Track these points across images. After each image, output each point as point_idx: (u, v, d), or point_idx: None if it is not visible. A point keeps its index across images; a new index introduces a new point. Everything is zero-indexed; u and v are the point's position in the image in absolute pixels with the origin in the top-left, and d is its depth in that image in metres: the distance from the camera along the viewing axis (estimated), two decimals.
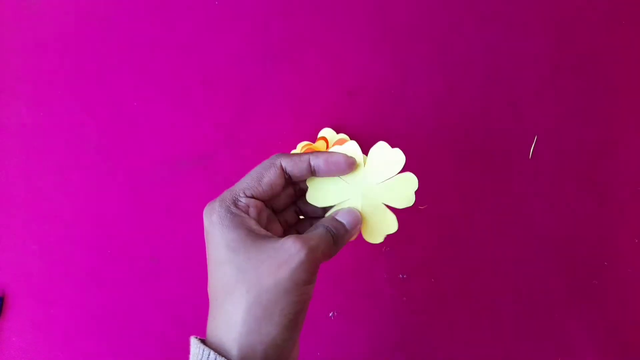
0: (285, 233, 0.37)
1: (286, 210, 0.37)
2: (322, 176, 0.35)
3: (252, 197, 0.33)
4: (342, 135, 0.54)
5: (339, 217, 0.34)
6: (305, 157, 0.34)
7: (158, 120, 0.56)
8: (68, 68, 0.56)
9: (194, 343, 0.31)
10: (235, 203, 0.32)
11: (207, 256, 0.32)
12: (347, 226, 0.34)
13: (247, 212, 0.32)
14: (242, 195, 0.33)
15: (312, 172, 0.35)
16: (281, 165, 0.34)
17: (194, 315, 0.54)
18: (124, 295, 0.54)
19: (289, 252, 0.30)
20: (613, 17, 0.56)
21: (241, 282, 0.30)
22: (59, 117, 0.56)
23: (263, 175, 0.33)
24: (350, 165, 0.35)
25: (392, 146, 0.37)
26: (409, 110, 0.55)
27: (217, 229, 0.31)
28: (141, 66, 0.56)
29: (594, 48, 0.56)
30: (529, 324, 0.53)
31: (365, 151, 0.37)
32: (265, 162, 0.34)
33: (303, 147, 0.53)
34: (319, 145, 0.53)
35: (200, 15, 0.56)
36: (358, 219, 0.35)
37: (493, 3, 0.56)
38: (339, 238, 0.34)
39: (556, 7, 0.56)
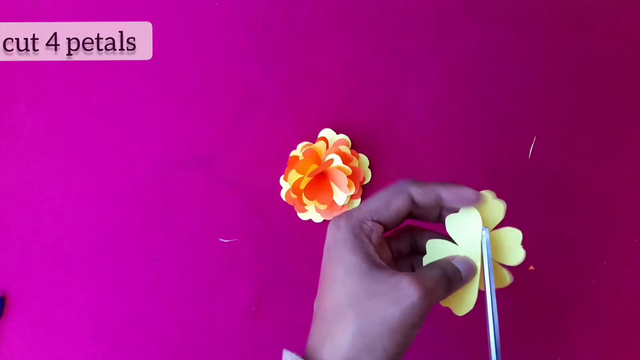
0: (394, 262, 0.36)
1: (400, 239, 0.37)
2: (450, 205, 0.34)
3: (377, 221, 0.33)
4: (342, 136, 0.54)
5: (455, 263, 0.33)
6: (435, 188, 0.33)
7: (158, 120, 0.56)
8: (68, 68, 0.56)
9: (291, 357, 0.31)
10: (361, 225, 0.32)
11: (322, 269, 0.33)
12: (463, 274, 0.33)
13: (369, 237, 0.32)
14: (369, 218, 0.32)
15: (440, 202, 0.33)
16: (410, 194, 0.33)
17: (195, 315, 0.54)
18: (124, 295, 0.54)
19: (404, 292, 0.29)
20: (613, 17, 0.56)
21: (352, 307, 0.30)
22: (59, 117, 0.56)
23: (391, 201, 0.33)
24: (479, 198, 0.34)
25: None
26: (409, 110, 0.55)
27: (338, 248, 0.31)
28: (141, 66, 0.56)
29: (594, 48, 0.56)
30: (528, 323, 0.53)
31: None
32: (394, 188, 0.33)
33: (303, 147, 0.53)
34: (319, 145, 0.53)
35: (200, 15, 0.56)
36: (473, 270, 0.34)
37: (493, 3, 0.56)
38: (453, 284, 0.33)
39: (556, 7, 0.56)
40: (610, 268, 0.54)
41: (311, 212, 0.53)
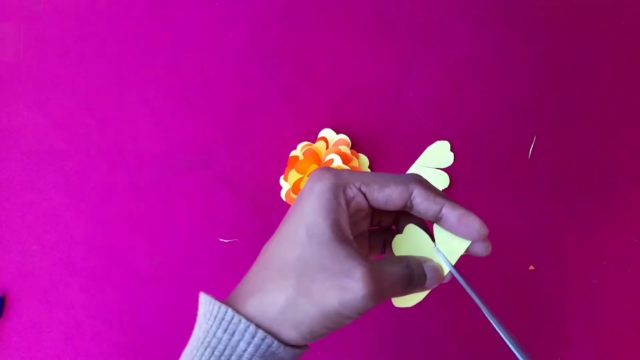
0: (368, 234, 0.34)
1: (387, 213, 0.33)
2: (447, 228, 0.31)
3: (364, 194, 0.29)
4: (342, 136, 0.54)
5: (426, 268, 0.31)
6: (441, 200, 0.30)
7: (158, 120, 0.56)
8: (68, 68, 0.56)
9: (209, 300, 0.29)
10: (344, 188, 0.29)
11: (287, 215, 0.30)
12: (427, 282, 0.31)
13: (348, 203, 0.29)
14: (357, 185, 0.29)
15: (437, 220, 0.30)
16: (412, 194, 0.30)
17: (195, 315, 0.54)
18: (124, 296, 0.54)
19: (352, 284, 0.27)
20: (613, 17, 0.56)
21: (296, 273, 0.28)
22: (59, 117, 0.56)
23: (388, 187, 0.29)
24: (482, 236, 0.31)
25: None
26: (409, 110, 0.55)
27: (311, 201, 0.28)
28: (141, 66, 0.56)
29: (594, 48, 0.56)
30: (528, 323, 0.53)
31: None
32: (399, 178, 0.30)
33: (303, 147, 0.53)
34: (319, 145, 0.53)
35: (200, 15, 0.56)
36: (439, 280, 0.32)
37: (493, 3, 0.56)
38: (413, 288, 0.30)
39: (556, 7, 0.56)
40: (610, 268, 0.54)
41: None
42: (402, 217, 0.33)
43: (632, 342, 0.53)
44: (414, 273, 0.30)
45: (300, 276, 0.28)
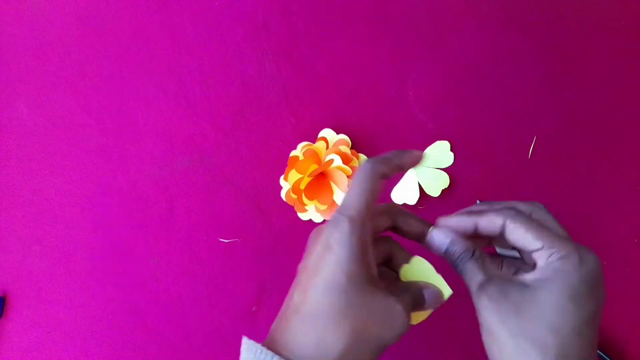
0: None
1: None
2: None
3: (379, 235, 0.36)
4: (342, 136, 0.54)
5: (425, 293, 0.35)
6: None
7: (158, 120, 0.56)
8: (68, 68, 0.56)
9: (259, 349, 0.31)
10: (364, 227, 0.32)
11: (313, 263, 0.32)
12: (426, 305, 0.35)
13: (370, 241, 0.33)
14: (369, 218, 0.33)
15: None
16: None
17: (195, 315, 0.54)
18: (124, 296, 0.54)
19: (398, 319, 0.32)
20: (613, 17, 0.56)
21: (350, 319, 0.31)
22: (59, 117, 0.56)
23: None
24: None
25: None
26: (409, 110, 0.55)
27: (342, 248, 0.31)
28: (141, 66, 0.56)
29: (594, 47, 0.56)
30: None
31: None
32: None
33: (303, 147, 0.53)
34: (319, 145, 0.53)
35: (200, 15, 0.56)
36: (438, 304, 0.36)
37: (493, 3, 0.56)
38: (414, 308, 0.35)
39: (556, 7, 0.56)
40: (610, 268, 0.54)
41: (311, 212, 0.53)
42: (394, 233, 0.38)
43: (633, 341, 0.53)
44: (415, 298, 0.34)
45: (355, 321, 0.31)
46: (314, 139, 0.55)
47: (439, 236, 0.36)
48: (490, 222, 0.35)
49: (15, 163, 0.56)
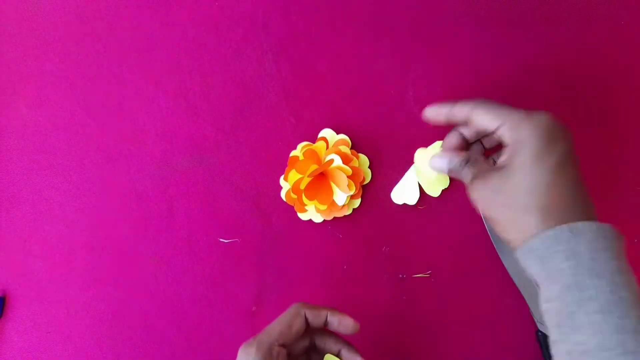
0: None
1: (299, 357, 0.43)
2: (333, 329, 0.42)
3: (282, 345, 0.39)
4: (342, 136, 0.54)
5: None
6: (324, 312, 0.41)
7: (158, 120, 0.56)
8: (69, 68, 0.56)
9: None
10: (271, 352, 0.38)
11: None
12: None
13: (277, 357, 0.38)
14: (276, 344, 0.39)
15: (325, 324, 0.42)
16: (305, 315, 0.41)
17: (195, 315, 0.54)
18: (125, 296, 0.54)
19: None
20: (613, 17, 0.56)
21: None
22: (59, 117, 0.56)
23: (293, 324, 0.40)
24: (354, 330, 0.42)
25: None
26: (409, 110, 0.55)
27: None
28: (141, 66, 0.56)
29: (594, 48, 0.56)
30: (529, 324, 0.53)
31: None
32: (292, 311, 0.41)
33: (303, 147, 0.53)
34: (319, 145, 0.53)
35: (200, 15, 0.56)
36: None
37: (492, 3, 0.56)
38: None
39: (556, 7, 0.56)
40: None
41: (311, 212, 0.53)
42: (315, 338, 0.43)
43: None
44: None
45: None
46: (314, 139, 0.55)
47: (438, 161, 0.45)
48: (461, 108, 0.43)
49: (15, 163, 0.56)
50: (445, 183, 0.53)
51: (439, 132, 0.52)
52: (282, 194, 0.54)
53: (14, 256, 0.55)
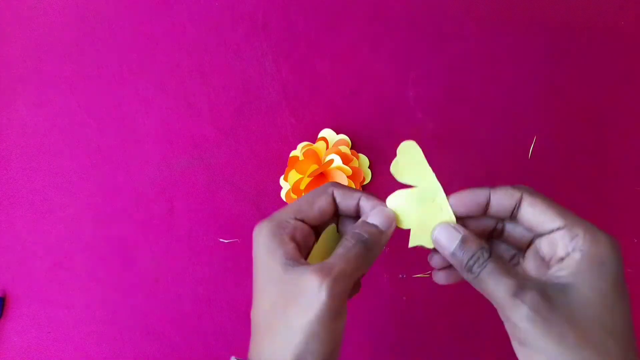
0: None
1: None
2: (364, 215, 0.34)
3: (302, 220, 0.33)
4: (342, 136, 0.54)
5: (370, 220, 0.33)
6: (357, 195, 0.34)
7: (158, 120, 0.56)
8: (69, 68, 0.56)
9: None
10: (281, 225, 0.31)
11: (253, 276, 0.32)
12: (382, 227, 0.32)
13: (292, 235, 0.32)
14: (291, 217, 0.32)
15: (357, 211, 0.34)
16: (332, 194, 0.34)
17: (195, 315, 0.54)
18: (124, 296, 0.54)
19: (312, 293, 0.28)
20: (613, 18, 0.56)
21: (276, 318, 0.29)
22: (59, 117, 0.56)
23: (315, 201, 0.33)
24: (392, 223, 0.34)
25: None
26: (409, 110, 0.55)
27: (260, 252, 0.31)
28: (141, 66, 0.56)
29: (593, 48, 0.56)
30: None
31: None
32: (318, 189, 0.34)
33: (303, 147, 0.53)
34: (319, 145, 0.53)
35: (200, 15, 0.56)
36: (392, 218, 0.33)
37: (493, 3, 0.56)
38: (373, 244, 0.32)
39: (556, 7, 0.56)
40: None
41: None
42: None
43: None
44: (361, 232, 0.32)
45: (279, 319, 0.29)
46: (314, 139, 0.54)
47: (447, 232, 0.31)
48: (506, 195, 0.30)
49: (15, 163, 0.56)
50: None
51: (439, 132, 0.52)
52: (282, 194, 0.54)
53: (14, 256, 0.55)
